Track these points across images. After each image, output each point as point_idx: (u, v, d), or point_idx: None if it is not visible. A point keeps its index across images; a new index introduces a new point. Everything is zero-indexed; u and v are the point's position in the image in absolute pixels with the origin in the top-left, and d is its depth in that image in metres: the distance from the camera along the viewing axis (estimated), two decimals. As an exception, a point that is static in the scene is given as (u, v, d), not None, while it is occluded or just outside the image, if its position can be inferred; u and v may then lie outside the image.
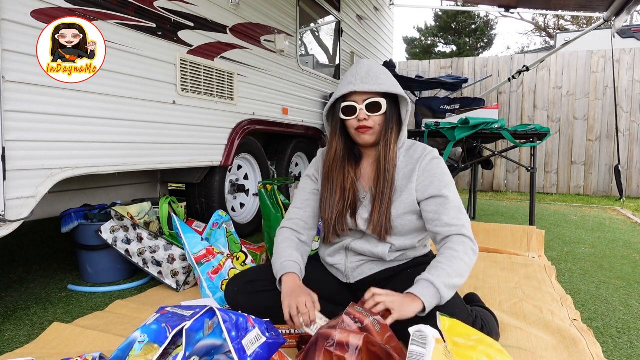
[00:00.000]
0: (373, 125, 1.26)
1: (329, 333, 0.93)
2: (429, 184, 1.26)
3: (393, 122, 1.28)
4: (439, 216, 1.22)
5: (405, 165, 1.30)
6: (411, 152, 1.32)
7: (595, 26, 4.45)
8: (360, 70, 1.26)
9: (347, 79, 1.27)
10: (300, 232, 1.37)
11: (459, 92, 5.32)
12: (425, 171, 1.27)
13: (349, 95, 1.26)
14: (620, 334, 1.48)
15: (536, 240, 2.57)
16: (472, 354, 0.91)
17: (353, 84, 1.24)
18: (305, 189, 1.41)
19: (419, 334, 0.91)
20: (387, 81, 1.26)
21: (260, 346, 1.01)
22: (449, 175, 1.29)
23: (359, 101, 1.25)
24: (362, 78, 1.24)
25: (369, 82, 1.23)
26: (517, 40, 35.62)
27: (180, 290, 1.84)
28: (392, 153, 1.28)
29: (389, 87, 1.24)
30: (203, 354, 0.99)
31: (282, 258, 1.28)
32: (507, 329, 1.42)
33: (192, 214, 2.71)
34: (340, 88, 1.28)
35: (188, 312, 1.04)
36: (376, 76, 1.24)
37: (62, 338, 1.37)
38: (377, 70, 1.27)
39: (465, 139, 2.89)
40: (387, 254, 1.30)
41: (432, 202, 1.24)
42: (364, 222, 1.30)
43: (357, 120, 1.25)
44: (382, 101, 1.24)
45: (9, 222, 1.40)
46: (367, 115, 1.24)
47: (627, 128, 5.49)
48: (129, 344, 1.00)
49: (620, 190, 4.64)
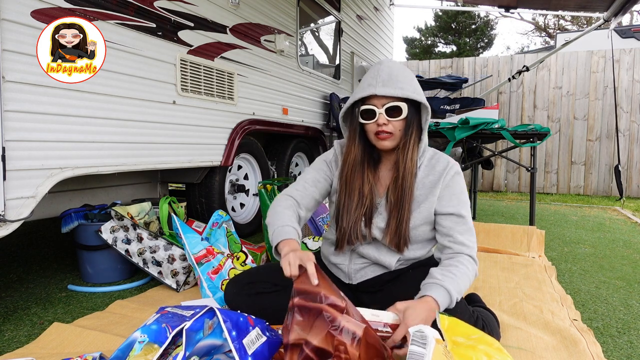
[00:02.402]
0: (393, 131, 1.20)
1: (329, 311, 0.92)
2: (448, 200, 1.23)
3: (413, 127, 1.23)
4: (454, 233, 1.21)
5: (426, 175, 1.26)
6: (433, 162, 1.28)
7: (595, 26, 4.45)
8: (381, 72, 1.20)
9: (367, 81, 1.21)
10: (301, 208, 1.30)
11: (459, 92, 5.32)
12: (448, 186, 1.24)
13: (368, 98, 1.21)
14: (620, 334, 1.48)
15: (536, 240, 2.57)
16: (472, 353, 0.91)
17: (374, 86, 1.18)
18: (321, 169, 1.36)
19: (419, 334, 0.91)
20: (410, 86, 1.20)
21: (261, 345, 1.01)
22: (466, 194, 1.27)
23: (379, 105, 1.19)
24: (383, 81, 1.18)
25: (391, 85, 1.17)
26: (517, 40, 35.63)
27: (180, 290, 1.84)
28: (411, 161, 1.23)
29: (411, 92, 1.19)
30: (203, 353, 0.99)
31: (281, 221, 1.20)
32: (507, 329, 1.42)
33: (192, 214, 2.71)
34: (360, 90, 1.22)
35: (188, 312, 1.04)
36: (398, 80, 1.19)
37: (62, 338, 1.37)
38: (399, 72, 1.21)
39: (465, 139, 2.89)
40: (394, 264, 1.29)
41: (450, 219, 1.23)
42: (379, 231, 1.26)
43: (377, 124, 1.20)
44: (403, 106, 1.18)
45: (9, 222, 1.40)
46: (386, 120, 1.19)
47: (627, 128, 5.49)
48: (129, 344, 1.00)
49: (620, 190, 4.64)
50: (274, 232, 1.18)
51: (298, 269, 1.02)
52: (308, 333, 0.92)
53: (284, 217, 1.23)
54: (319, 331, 0.91)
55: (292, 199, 1.29)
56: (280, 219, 1.22)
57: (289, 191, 1.32)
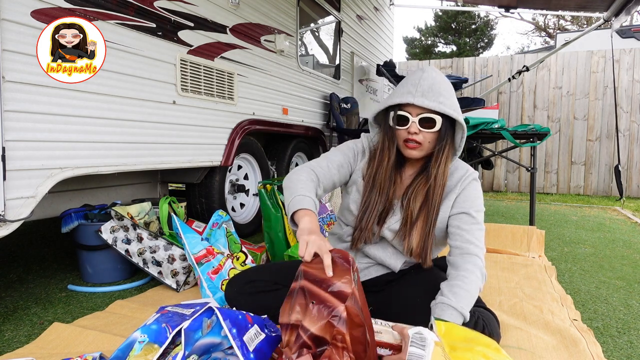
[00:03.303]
0: (422, 141, 1.19)
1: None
2: (462, 202, 1.24)
3: (447, 143, 1.21)
4: (462, 232, 1.21)
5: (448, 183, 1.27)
6: (452, 169, 1.28)
7: (595, 26, 4.45)
8: (423, 81, 1.18)
9: (406, 87, 1.19)
10: (320, 187, 1.26)
11: (459, 92, 5.32)
12: (464, 191, 1.25)
13: (405, 104, 1.19)
14: (620, 334, 1.48)
15: (536, 240, 2.57)
16: (470, 355, 0.91)
17: (412, 94, 1.17)
18: (347, 155, 1.33)
19: (418, 336, 0.91)
20: (448, 101, 1.18)
21: (261, 342, 1.01)
22: (482, 199, 1.27)
23: (414, 113, 1.18)
24: (423, 91, 1.16)
25: (430, 97, 1.16)
26: (517, 40, 35.63)
27: (180, 290, 1.84)
28: (444, 178, 1.22)
29: (449, 109, 1.17)
30: (202, 352, 0.99)
31: (304, 190, 1.17)
32: (507, 329, 1.42)
33: (192, 214, 2.71)
34: (397, 95, 1.20)
35: (188, 310, 1.04)
36: (440, 93, 1.17)
37: (62, 338, 1.37)
38: (440, 85, 1.18)
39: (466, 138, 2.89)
40: (399, 267, 1.29)
41: (461, 218, 1.22)
42: (391, 233, 1.26)
43: (407, 132, 1.19)
44: (437, 118, 1.17)
45: (9, 222, 1.40)
46: (418, 130, 1.18)
47: (627, 128, 5.49)
48: (129, 344, 1.00)
49: (620, 190, 4.64)
50: (294, 198, 1.15)
51: (312, 255, 1.00)
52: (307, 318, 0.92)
53: (306, 186, 1.19)
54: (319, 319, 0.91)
55: (315, 174, 1.25)
56: (303, 188, 1.18)
57: (311, 165, 1.28)
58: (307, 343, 0.90)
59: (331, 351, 0.88)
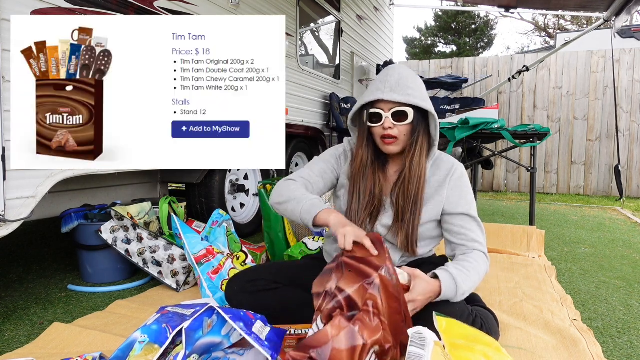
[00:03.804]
0: (398, 135, 1.23)
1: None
2: (457, 200, 1.27)
3: (420, 134, 1.24)
4: (466, 232, 1.26)
5: (432, 174, 1.30)
6: (438, 162, 1.32)
7: (595, 26, 4.46)
8: (390, 77, 1.22)
9: (375, 85, 1.24)
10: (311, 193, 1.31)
11: (459, 92, 5.32)
12: (455, 187, 1.28)
13: (376, 102, 1.23)
14: (620, 334, 1.48)
15: (536, 240, 2.57)
16: (470, 354, 0.91)
17: (381, 90, 1.21)
18: (329, 162, 1.37)
19: (418, 336, 0.91)
20: (417, 93, 1.22)
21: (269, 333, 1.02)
22: (472, 193, 1.31)
23: (386, 109, 1.22)
24: (391, 86, 1.21)
25: (398, 91, 1.20)
26: (517, 40, 35.62)
27: (180, 290, 1.84)
28: (419, 165, 1.24)
29: (418, 100, 1.21)
30: (202, 351, 0.99)
31: (305, 196, 1.21)
32: (507, 329, 1.42)
33: (192, 214, 2.70)
34: (368, 94, 1.25)
35: (189, 310, 1.04)
36: (407, 86, 1.21)
37: (62, 338, 1.37)
38: (408, 79, 1.23)
39: (465, 139, 2.89)
40: (396, 262, 1.31)
41: (461, 219, 1.27)
42: (384, 228, 1.29)
43: (382, 128, 1.23)
44: (409, 111, 1.21)
45: (9, 222, 1.40)
46: (392, 124, 1.21)
47: (627, 128, 5.49)
48: (130, 344, 1.00)
49: (620, 190, 4.64)
50: (304, 205, 1.19)
51: (352, 244, 1.07)
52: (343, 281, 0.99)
53: (305, 192, 1.24)
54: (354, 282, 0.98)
55: (302, 182, 1.30)
56: (304, 194, 1.22)
57: (294, 177, 1.32)
58: (341, 304, 0.96)
59: (362, 315, 0.92)
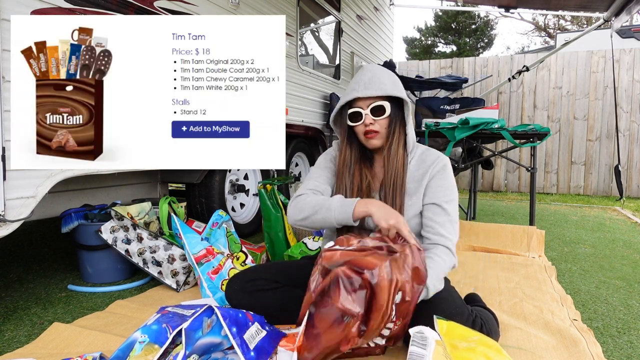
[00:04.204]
0: (379, 130, 1.29)
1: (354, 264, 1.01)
2: (434, 192, 1.28)
3: (397, 124, 1.31)
4: (433, 224, 1.26)
5: (417, 168, 1.32)
6: (424, 157, 1.34)
7: (595, 26, 4.45)
8: (363, 76, 1.29)
9: (351, 86, 1.31)
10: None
11: (459, 92, 5.32)
12: (435, 178, 1.30)
13: (354, 101, 1.29)
14: (620, 334, 1.48)
15: (536, 240, 2.57)
16: (471, 355, 0.91)
17: (357, 90, 1.28)
18: (327, 167, 1.41)
19: (419, 335, 0.91)
20: (389, 84, 1.28)
21: (262, 339, 1.01)
22: (454, 190, 1.31)
23: (364, 106, 1.28)
24: (365, 84, 1.27)
25: (372, 87, 1.26)
26: (517, 40, 35.59)
27: (180, 290, 1.84)
28: (399, 157, 1.29)
29: (391, 89, 1.27)
30: (202, 352, 0.99)
31: (333, 201, 1.23)
32: (507, 329, 1.42)
33: (192, 214, 2.70)
34: (345, 95, 1.32)
35: (189, 311, 1.04)
36: (379, 81, 1.27)
37: (62, 338, 1.37)
38: (380, 74, 1.29)
39: (465, 139, 2.89)
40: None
41: (430, 209, 1.28)
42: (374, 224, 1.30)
43: (364, 125, 1.29)
44: (386, 104, 1.27)
45: (9, 222, 1.40)
46: (372, 120, 1.27)
47: (627, 128, 5.49)
48: (130, 344, 1.00)
49: (620, 190, 4.63)
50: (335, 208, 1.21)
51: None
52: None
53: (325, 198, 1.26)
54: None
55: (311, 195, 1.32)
56: (325, 200, 1.25)
57: (302, 192, 1.34)
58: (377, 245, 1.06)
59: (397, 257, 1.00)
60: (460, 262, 2.26)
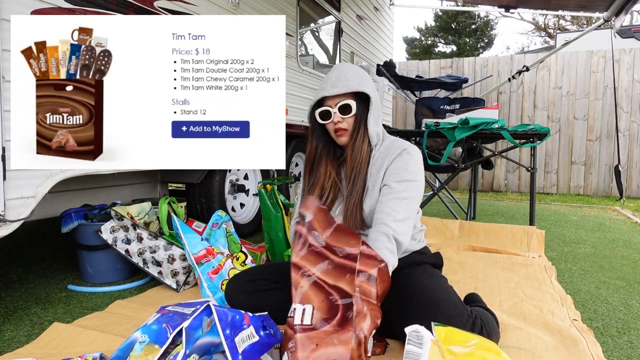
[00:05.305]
0: (347, 127, 1.32)
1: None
2: (388, 175, 1.28)
3: (362, 121, 1.32)
4: (380, 204, 1.25)
5: (380, 159, 1.32)
6: (390, 148, 1.33)
7: (595, 26, 4.45)
8: (331, 75, 1.32)
9: (320, 86, 1.34)
10: None
11: (459, 92, 5.31)
12: (392, 163, 1.29)
13: (324, 100, 1.32)
14: (620, 334, 1.48)
15: (536, 240, 2.57)
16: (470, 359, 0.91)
17: (325, 89, 1.30)
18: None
19: (415, 334, 0.91)
20: (354, 81, 1.29)
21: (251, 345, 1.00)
22: (411, 173, 1.27)
23: (332, 105, 1.31)
24: (332, 83, 1.30)
25: (338, 85, 1.29)
26: (517, 40, 35.61)
27: (180, 290, 1.84)
28: (363, 152, 1.32)
29: (357, 86, 1.29)
30: (202, 352, 0.99)
31: None
32: (507, 329, 1.42)
33: (192, 214, 2.70)
34: (316, 95, 1.35)
35: (189, 309, 1.04)
36: (345, 78, 1.29)
37: (62, 338, 1.37)
38: (346, 72, 1.31)
39: (465, 139, 2.89)
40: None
41: (382, 191, 1.27)
42: (340, 217, 1.34)
43: (334, 123, 1.32)
44: (352, 103, 1.30)
45: (9, 222, 1.40)
46: (341, 118, 1.30)
47: (627, 128, 5.49)
48: (130, 344, 1.00)
49: (620, 190, 4.64)
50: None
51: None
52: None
53: None
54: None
55: None
56: None
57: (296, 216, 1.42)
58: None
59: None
60: (460, 262, 2.27)
